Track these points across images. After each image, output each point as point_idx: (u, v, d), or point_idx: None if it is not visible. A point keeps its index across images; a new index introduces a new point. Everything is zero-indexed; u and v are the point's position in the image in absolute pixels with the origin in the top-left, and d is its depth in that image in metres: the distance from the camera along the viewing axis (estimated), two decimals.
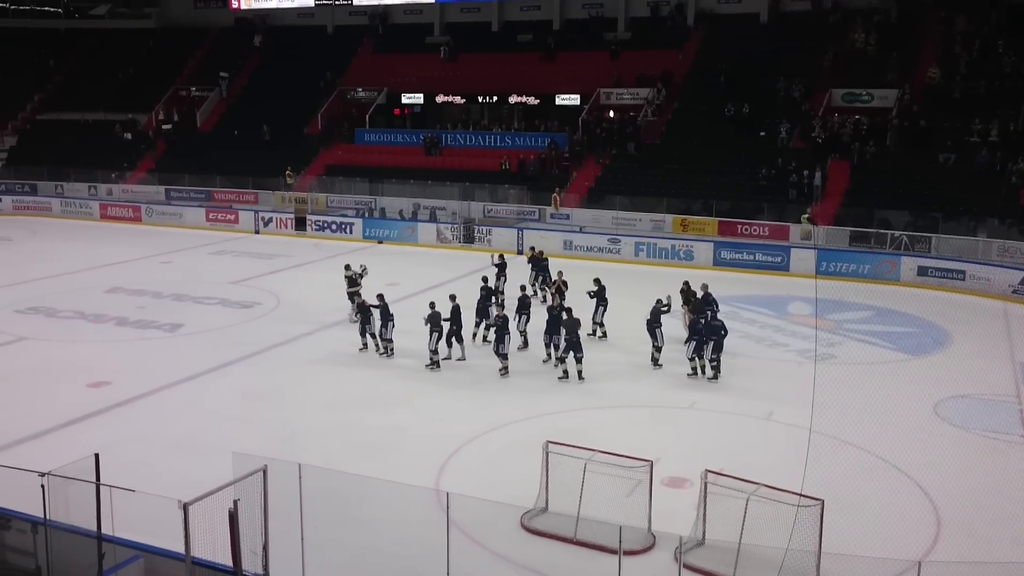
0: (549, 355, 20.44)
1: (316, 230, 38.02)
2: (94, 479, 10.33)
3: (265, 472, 10.01)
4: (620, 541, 10.20)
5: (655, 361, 20.41)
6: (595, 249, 33.22)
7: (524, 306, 21.97)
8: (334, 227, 37.90)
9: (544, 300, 25.29)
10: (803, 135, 36.73)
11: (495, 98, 44.05)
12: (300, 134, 45.47)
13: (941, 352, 22.12)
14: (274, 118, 45.37)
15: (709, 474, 12.15)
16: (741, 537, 11.54)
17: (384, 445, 16.05)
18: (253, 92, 49.04)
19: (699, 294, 22.01)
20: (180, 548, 9.68)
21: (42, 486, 10.02)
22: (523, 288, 23.28)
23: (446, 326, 20.24)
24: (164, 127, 48.28)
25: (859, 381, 17.86)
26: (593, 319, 22.56)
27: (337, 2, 50.76)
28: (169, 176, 44.35)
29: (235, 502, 9.73)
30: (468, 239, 35.25)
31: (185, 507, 9.21)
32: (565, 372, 19.55)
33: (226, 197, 42.56)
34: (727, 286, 28.69)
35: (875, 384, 18.20)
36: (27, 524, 10.87)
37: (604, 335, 22.67)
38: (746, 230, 33.76)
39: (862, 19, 40.01)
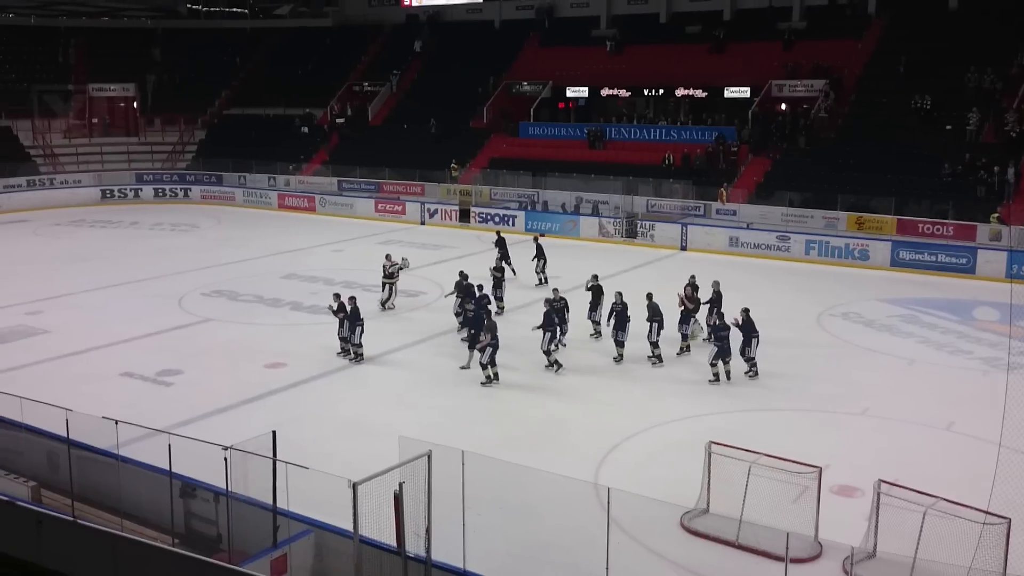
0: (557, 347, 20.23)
1: (479, 222, 38.64)
2: (271, 455, 10.82)
3: (430, 457, 10.20)
4: (787, 548, 9.82)
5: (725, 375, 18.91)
6: (762, 247, 32.21)
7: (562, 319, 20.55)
8: (497, 219, 38.38)
9: (541, 283, 26.54)
10: (995, 128, 34.32)
11: (661, 91, 43.40)
12: (466, 127, 46.32)
13: None
14: (441, 112, 46.42)
15: (883, 484, 11.55)
16: (916, 552, 10.92)
17: (544, 436, 16.11)
18: (422, 87, 50.33)
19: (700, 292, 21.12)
20: (347, 525, 10.01)
21: (225, 459, 10.57)
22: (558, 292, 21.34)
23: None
24: (338, 121, 50.30)
25: None
26: (590, 317, 21.83)
27: None
28: (341, 168, 46.16)
29: (400, 484, 9.98)
30: (631, 234, 34.92)
31: (354, 486, 9.50)
32: (554, 363, 19.38)
33: (394, 189, 43.89)
34: (906, 288, 27.39)
35: None
36: (210, 494, 11.54)
37: (599, 334, 21.68)
38: (928, 229, 31.87)
39: None
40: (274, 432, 11.06)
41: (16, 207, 43.24)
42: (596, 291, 21.83)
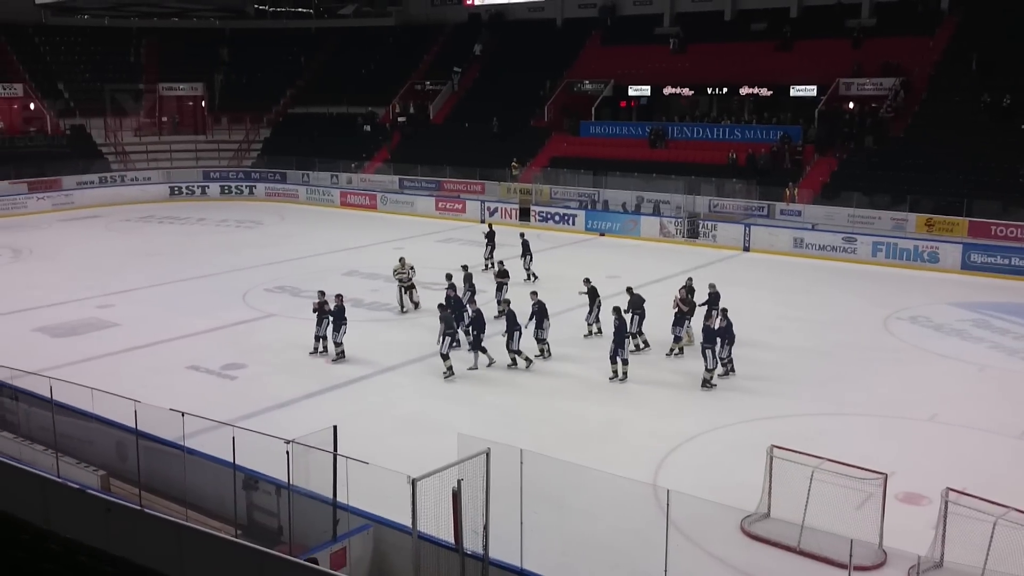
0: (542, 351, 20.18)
1: (539, 221, 38.60)
2: (332, 449, 10.93)
3: (488, 454, 10.22)
4: (851, 555, 9.63)
5: (706, 382, 18.47)
6: (828, 248, 31.60)
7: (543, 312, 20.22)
8: (557, 218, 38.34)
9: (529, 279, 26.91)
10: None
11: (725, 90, 42.85)
12: (527, 126, 46.33)
13: None
14: (502, 110, 46.48)
15: (951, 492, 11.26)
16: (986, 563, 10.62)
17: (602, 437, 16.03)
18: (483, 85, 50.48)
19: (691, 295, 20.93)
20: (406, 521, 10.07)
21: (287, 452, 10.71)
22: (534, 294, 20.88)
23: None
24: (400, 120, 50.70)
25: None
26: (587, 320, 21.78)
27: None
28: (403, 166, 46.49)
29: (459, 481, 10.00)
30: (692, 234, 34.57)
31: (413, 483, 9.55)
32: (514, 361, 19.48)
33: (454, 187, 44.07)
34: (977, 292, 26.67)
35: None
36: (272, 487, 11.71)
37: (600, 332, 21.55)
38: (1001, 231, 30.96)
39: None
40: (335, 427, 11.18)
41: (88, 203, 44.46)
42: (591, 294, 21.77)
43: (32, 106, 49.72)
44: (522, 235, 28.69)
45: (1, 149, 46.25)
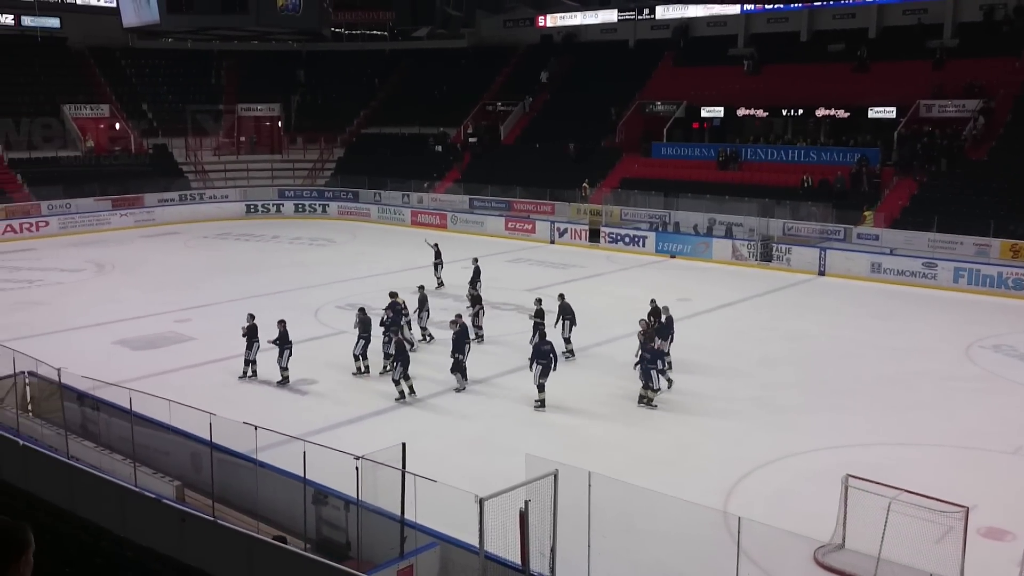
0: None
1: (609, 242, 38.45)
2: (400, 466, 10.97)
3: (556, 476, 10.14)
4: None
5: (649, 401, 18.47)
6: (907, 273, 30.78)
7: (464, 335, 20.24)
8: (627, 240, 38.13)
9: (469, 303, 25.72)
10: None
11: (800, 111, 42.22)
12: (598, 147, 46.28)
13: None
14: (573, 132, 46.51)
15: None
16: None
17: (671, 461, 15.81)
18: (555, 106, 50.61)
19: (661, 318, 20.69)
20: (472, 540, 10.04)
21: (356, 468, 10.78)
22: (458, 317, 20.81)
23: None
24: (471, 140, 51.11)
25: None
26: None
27: (640, 17, 51.26)
28: (473, 186, 46.80)
29: (526, 502, 9.94)
30: (766, 257, 34.03)
31: (481, 502, 9.53)
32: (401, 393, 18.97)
33: (524, 207, 44.19)
34: None
35: None
36: (341, 502, 11.79)
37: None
38: None
39: None
40: (403, 444, 11.22)
41: (168, 220, 45.79)
42: (537, 315, 21.70)
43: (117, 126, 51.50)
44: (475, 260, 28.52)
45: (88, 167, 47.95)
